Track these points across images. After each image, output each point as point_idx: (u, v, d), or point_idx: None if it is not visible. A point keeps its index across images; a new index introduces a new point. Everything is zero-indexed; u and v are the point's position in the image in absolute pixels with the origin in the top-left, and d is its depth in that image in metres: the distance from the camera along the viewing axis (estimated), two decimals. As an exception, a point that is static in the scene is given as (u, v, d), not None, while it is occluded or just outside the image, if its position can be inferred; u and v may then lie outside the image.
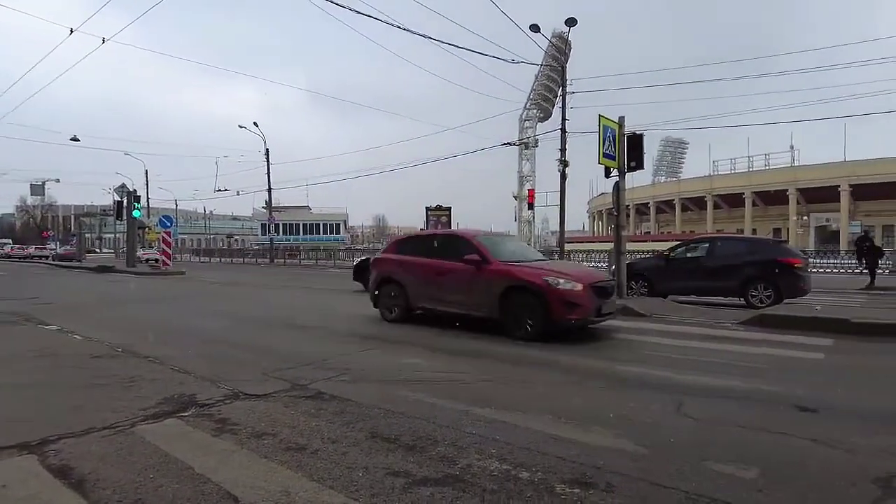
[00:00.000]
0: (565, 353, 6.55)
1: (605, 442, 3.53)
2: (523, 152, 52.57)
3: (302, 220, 71.94)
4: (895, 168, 42.74)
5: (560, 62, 30.15)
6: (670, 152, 79.26)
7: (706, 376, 5.37)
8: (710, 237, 16.20)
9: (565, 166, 24.79)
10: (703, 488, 2.82)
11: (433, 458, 3.23)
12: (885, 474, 3.00)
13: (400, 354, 6.43)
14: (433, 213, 37.15)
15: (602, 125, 10.87)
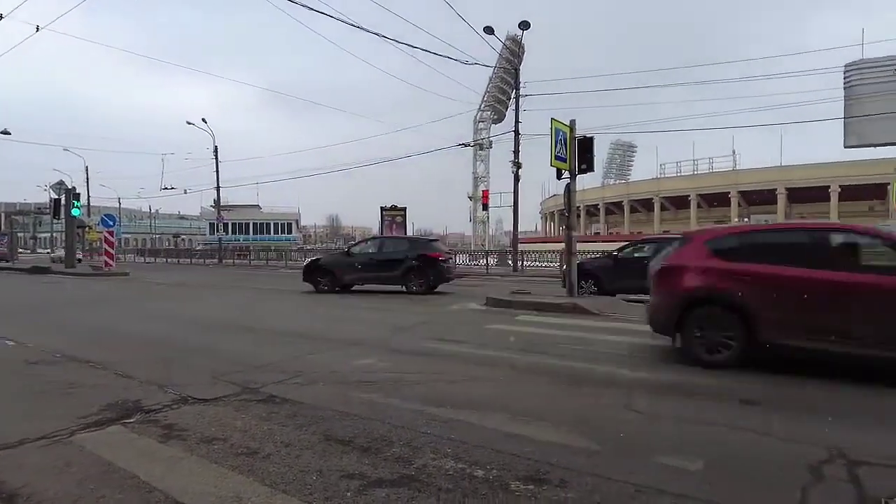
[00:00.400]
0: (519, 353, 6.65)
1: (559, 438, 3.60)
2: (478, 153, 52.89)
3: (252, 219, 70.19)
4: (825, 173, 45.32)
5: (513, 65, 30.55)
6: (619, 155, 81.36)
7: (654, 372, 5.57)
8: (656, 237, 16.73)
9: (518, 168, 25.14)
10: (651, 481, 2.93)
11: (388, 459, 3.23)
12: (815, 462, 3.19)
13: (353, 355, 6.37)
14: (388, 213, 36.99)
15: (554, 128, 11.08)
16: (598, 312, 9.84)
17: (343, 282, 15.07)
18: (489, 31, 22.97)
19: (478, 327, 8.72)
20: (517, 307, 10.91)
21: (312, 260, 16.64)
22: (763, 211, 49.63)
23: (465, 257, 32.74)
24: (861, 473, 3.03)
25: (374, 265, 14.90)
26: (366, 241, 18.32)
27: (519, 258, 26.33)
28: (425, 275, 14.50)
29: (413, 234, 45.20)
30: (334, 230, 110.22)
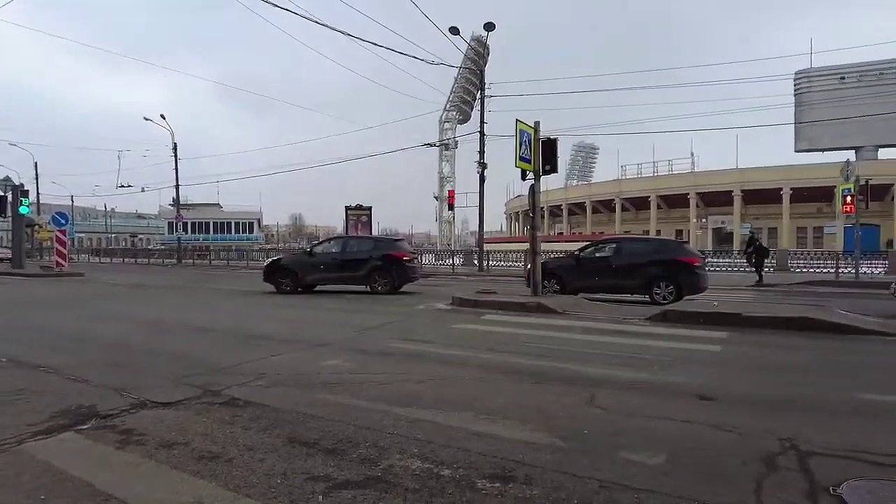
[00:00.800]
0: (486, 352, 6.69)
1: (524, 436, 3.64)
2: (443, 153, 52.99)
3: (213, 218, 68.66)
4: (778, 176, 47.05)
5: (478, 66, 30.72)
6: (582, 157, 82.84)
7: (616, 369, 5.68)
8: (617, 238, 17.12)
9: (484, 168, 25.29)
10: (615, 476, 2.99)
11: (354, 461, 3.21)
12: (769, 453, 3.31)
13: (318, 356, 6.30)
14: (353, 212, 36.64)
15: (518, 129, 11.19)
16: (562, 311, 9.98)
17: (305, 282, 14.87)
18: (454, 31, 23.04)
19: (444, 327, 8.74)
20: (483, 307, 10.98)
21: (274, 260, 16.37)
22: (720, 212, 51.27)
23: (430, 257, 32.84)
24: (811, 463, 3.16)
25: (337, 265, 14.76)
26: (329, 240, 18.14)
27: (485, 258, 26.49)
28: (390, 275, 14.45)
29: (378, 234, 44.99)
30: (297, 229, 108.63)
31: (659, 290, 12.29)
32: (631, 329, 8.42)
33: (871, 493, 2.79)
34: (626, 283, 12.71)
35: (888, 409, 4.39)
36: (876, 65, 46.14)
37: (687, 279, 12.30)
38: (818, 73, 48.66)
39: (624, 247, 13.73)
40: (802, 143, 49.65)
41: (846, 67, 47.62)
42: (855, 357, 6.53)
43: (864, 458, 3.24)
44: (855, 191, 19.01)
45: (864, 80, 46.46)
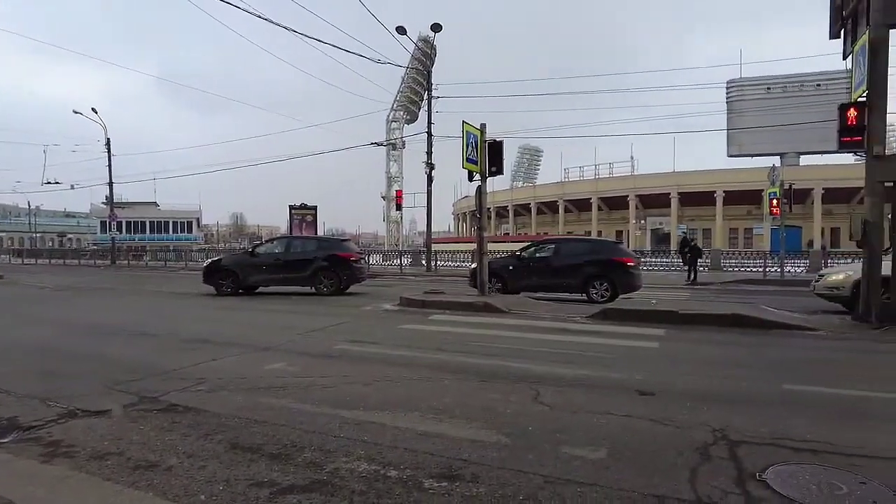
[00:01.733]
0: (433, 352, 6.71)
1: (471, 434, 3.68)
2: (391, 153, 52.78)
3: (149, 217, 65.76)
4: (711, 179, 49.31)
5: (426, 66, 30.76)
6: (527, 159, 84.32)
7: (560, 367, 5.82)
8: (556, 238, 17.52)
9: (431, 169, 25.34)
10: (559, 471, 3.06)
11: (299, 465, 3.15)
12: (703, 444, 3.48)
13: (261, 360, 6.15)
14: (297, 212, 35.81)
15: (465, 131, 11.28)
16: (507, 310, 10.13)
17: (247, 283, 14.47)
18: (401, 31, 22.98)
19: (391, 328, 8.70)
20: (431, 307, 11.00)
21: (214, 260, 15.84)
22: (658, 214, 53.27)
23: (378, 257, 32.60)
24: (740, 452, 3.34)
25: (280, 266, 14.43)
26: (272, 240, 17.74)
27: (432, 258, 26.54)
28: (336, 276, 14.26)
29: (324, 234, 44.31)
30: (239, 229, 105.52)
31: (595, 289, 12.66)
32: (574, 327, 8.64)
33: (793, 476, 2.98)
34: (565, 283, 13.03)
35: (809, 398, 4.69)
36: (798, 77, 49.10)
37: (622, 278, 12.73)
38: (748, 83, 51.32)
39: (563, 247, 14.06)
40: (734, 148, 52.22)
41: (772, 79, 50.44)
42: (781, 351, 6.94)
43: (788, 445, 3.46)
44: (780, 195, 20.17)
45: (788, 91, 49.37)
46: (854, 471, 3.07)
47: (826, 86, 45.46)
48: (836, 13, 9.63)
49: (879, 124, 8.40)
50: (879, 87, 8.28)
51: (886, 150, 8.47)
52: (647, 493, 2.78)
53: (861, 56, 8.49)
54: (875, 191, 8.46)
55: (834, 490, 2.83)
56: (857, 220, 8.61)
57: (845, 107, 8.60)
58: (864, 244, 8.50)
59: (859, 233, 8.53)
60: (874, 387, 5.07)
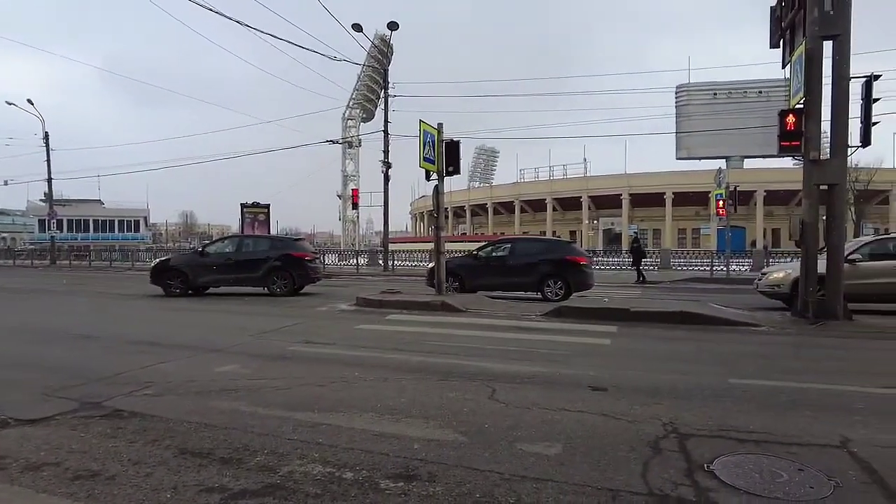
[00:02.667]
0: (390, 352, 6.66)
1: (427, 434, 3.67)
2: (347, 151, 52.12)
3: (93, 215, 63.04)
4: (661, 181, 50.89)
5: (382, 65, 30.55)
6: (484, 160, 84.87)
7: (516, 364, 5.88)
8: (512, 238, 17.73)
9: (388, 168, 25.21)
10: (515, 468, 3.08)
11: (252, 469, 3.07)
12: (654, 437, 3.57)
13: (212, 362, 5.96)
14: (249, 210, 34.89)
15: (422, 130, 11.26)
16: (465, 309, 10.17)
17: (197, 284, 14.04)
18: (357, 28, 22.74)
19: (347, 328, 8.60)
20: (388, 306, 10.93)
21: (162, 260, 15.31)
22: (610, 214, 54.59)
23: (334, 257, 32.22)
24: (689, 444, 3.45)
25: (232, 266, 14.05)
26: (223, 239, 17.28)
27: (390, 258, 26.40)
28: (290, 276, 13.99)
29: (278, 233, 43.45)
30: (189, 228, 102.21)
31: (550, 288, 12.87)
32: (529, 325, 8.75)
33: (738, 466, 3.10)
34: (521, 281, 13.20)
35: (753, 391, 4.88)
36: (742, 84, 51.16)
37: (575, 277, 12.99)
38: (696, 89, 53.16)
39: (518, 246, 14.23)
40: (682, 151, 53.98)
41: (718, 85, 52.40)
42: (727, 346, 7.21)
43: (733, 436, 3.59)
44: (726, 196, 21.00)
45: (733, 96, 51.40)
46: (793, 458, 3.21)
47: (767, 93, 47.52)
48: (776, 24, 10.09)
49: (815, 130, 8.84)
50: (815, 95, 8.71)
51: (821, 155, 8.92)
52: (602, 487, 2.84)
53: (798, 65, 8.91)
54: (811, 193, 8.89)
55: (775, 478, 2.95)
56: (796, 221, 9.04)
57: (785, 113, 9.01)
58: (801, 244, 8.93)
59: (798, 233, 8.96)
60: (811, 379, 5.33)
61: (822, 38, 8.61)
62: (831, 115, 8.71)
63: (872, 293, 10.15)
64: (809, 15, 8.60)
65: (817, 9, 8.50)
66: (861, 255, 10.53)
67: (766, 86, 47.50)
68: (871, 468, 3.09)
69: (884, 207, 46.52)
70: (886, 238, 11.96)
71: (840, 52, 8.57)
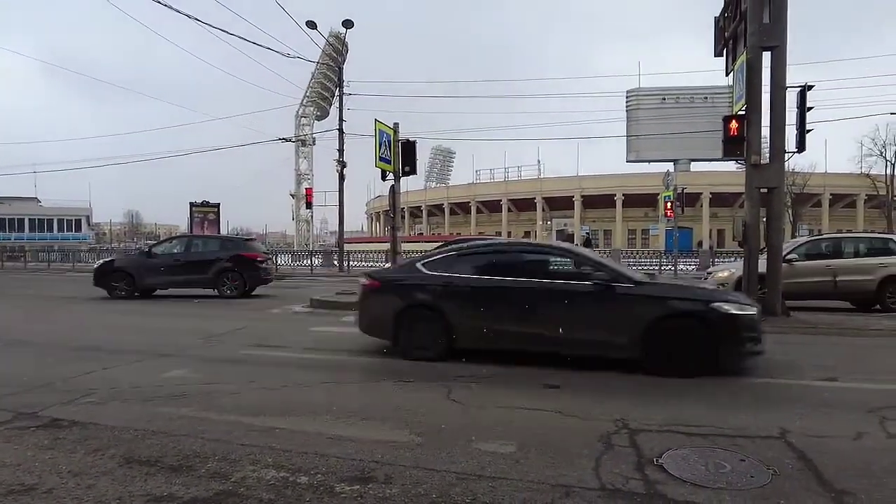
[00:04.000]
0: (345, 354, 6.60)
1: (383, 435, 3.65)
2: (300, 150, 51.24)
3: (29, 214, 59.82)
4: (612, 183, 52.28)
5: (337, 63, 30.22)
6: (440, 160, 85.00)
7: (476, 364, 5.89)
8: (467, 239, 17.80)
9: (343, 167, 24.94)
10: (470, 468, 3.11)
11: (203, 476, 2.98)
12: (606, 433, 3.67)
13: (160, 367, 5.76)
14: (199, 209, 33.91)
15: (378, 130, 11.21)
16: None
17: (144, 286, 13.52)
18: (312, 25, 22.42)
19: (301, 330, 8.47)
20: (343, 308, 10.78)
21: (106, 261, 14.66)
22: (563, 216, 55.63)
23: (287, 258, 31.56)
24: (639, 440, 3.56)
25: (180, 267, 13.59)
26: (171, 240, 16.72)
27: (345, 258, 26.10)
28: (241, 277, 13.63)
29: (228, 233, 42.36)
30: (135, 228, 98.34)
31: None
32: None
33: (685, 459, 3.22)
34: None
35: (699, 387, 5.07)
36: (689, 90, 53.01)
37: None
38: (645, 93, 54.74)
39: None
40: (632, 154, 55.47)
41: (667, 90, 54.13)
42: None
43: (681, 431, 3.72)
44: (673, 198, 21.75)
45: (681, 102, 53.16)
46: (736, 450, 3.36)
47: (713, 99, 49.38)
48: (720, 34, 10.52)
49: (756, 136, 9.26)
50: (755, 102, 9.13)
51: (762, 159, 9.35)
52: (556, 484, 2.89)
53: (740, 74, 9.32)
54: (753, 196, 9.31)
55: (720, 469, 3.09)
56: (739, 223, 9.45)
57: (728, 119, 9.40)
58: (744, 244, 9.34)
59: (740, 234, 9.36)
60: (753, 374, 5.58)
61: (762, 48, 9.03)
62: (770, 121, 9.14)
63: (807, 291, 10.70)
64: (750, 26, 9.00)
65: (757, 21, 8.91)
66: (797, 254, 11.08)
67: (712, 92, 49.34)
68: (806, 457, 3.26)
69: (817, 210, 49.11)
70: (819, 239, 12.68)
71: (777, 63, 9.01)
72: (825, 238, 12.61)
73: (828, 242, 11.86)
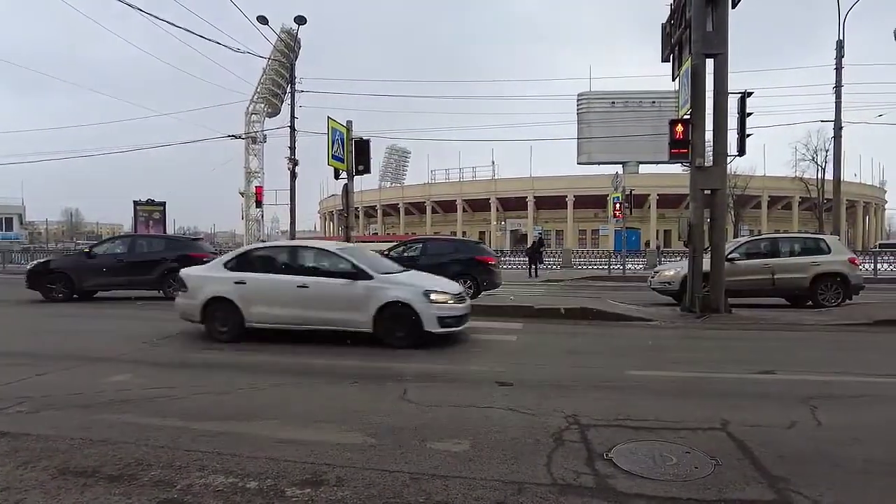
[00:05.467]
0: (291, 355, 6.47)
1: (336, 437, 3.60)
2: (250, 147, 50.01)
3: (-49, 213, 56.09)
4: (563, 184, 53.33)
5: (289, 59, 29.65)
6: (395, 160, 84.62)
7: (425, 363, 5.91)
8: (423, 238, 17.78)
9: (295, 165, 24.42)
10: (424, 467, 3.10)
11: (145, 486, 2.86)
12: (557, 429, 3.73)
13: (102, 373, 5.50)
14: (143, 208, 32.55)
15: (330, 127, 11.06)
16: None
17: (83, 288, 12.86)
18: (263, 20, 21.81)
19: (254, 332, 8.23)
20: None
21: (41, 262, 13.87)
22: (517, 216, 56.37)
23: (237, 258, 30.67)
24: (590, 434, 3.63)
25: (123, 268, 12.99)
26: (112, 240, 16.01)
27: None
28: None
29: (175, 233, 40.93)
30: (74, 228, 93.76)
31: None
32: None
33: (634, 453, 3.31)
34: None
35: (647, 381, 5.23)
36: (638, 94, 54.67)
37: (484, 276, 13.22)
38: (595, 97, 56.13)
39: (430, 247, 14.27)
40: (583, 156, 56.77)
41: (616, 94, 55.65)
42: (624, 340, 7.67)
43: (630, 425, 3.82)
44: (622, 199, 22.35)
45: (629, 105, 54.81)
46: (681, 442, 3.48)
47: (660, 103, 50.99)
48: (666, 40, 10.89)
49: (700, 139, 9.62)
50: (700, 107, 9.49)
51: (705, 162, 9.72)
52: (508, 481, 2.92)
53: (685, 79, 9.66)
54: (697, 197, 9.67)
55: (666, 461, 3.18)
56: (684, 223, 9.79)
57: (674, 123, 9.73)
58: (689, 244, 9.69)
59: (685, 234, 9.70)
60: (697, 368, 5.80)
61: (706, 55, 9.39)
62: (713, 126, 9.52)
63: (748, 288, 11.20)
64: (694, 34, 9.34)
65: (701, 29, 9.26)
66: (739, 254, 11.59)
67: (660, 97, 50.95)
68: (746, 446, 3.41)
69: (757, 211, 51.49)
70: (759, 239, 13.30)
71: (720, 70, 9.39)
72: (764, 238, 13.23)
73: (766, 242, 12.45)
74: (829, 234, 14.84)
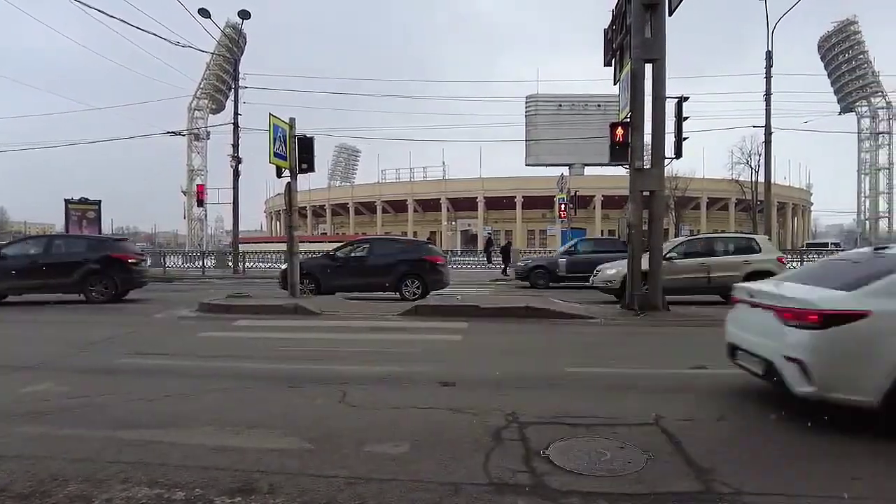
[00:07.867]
0: (235, 360, 6.28)
1: (271, 444, 3.50)
2: (193, 144, 48.42)
3: None
4: (512, 185, 54.10)
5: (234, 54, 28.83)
6: (345, 159, 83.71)
7: (368, 365, 5.85)
8: (370, 238, 17.59)
9: (238, 163, 23.83)
10: (361, 471, 3.05)
11: (59, 503, 2.69)
12: (497, 428, 3.75)
13: (19, 382, 5.14)
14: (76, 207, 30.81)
15: (272, 124, 10.79)
16: (320, 312, 9.90)
17: None
18: (205, 13, 21.13)
19: (188, 336, 7.97)
20: (236, 311, 10.27)
21: None
22: (467, 216, 56.74)
23: (177, 259, 29.62)
24: (528, 432, 3.66)
25: (38, 270, 12.16)
26: (25, 240, 15.08)
27: (241, 259, 24.92)
28: (111, 280, 12.52)
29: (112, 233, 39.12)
30: None
31: (408, 287, 13.00)
32: (385, 325, 8.76)
33: (570, 449, 3.36)
34: (380, 282, 13.12)
35: (586, 378, 5.35)
36: (584, 97, 56.11)
37: (432, 276, 13.25)
38: (543, 100, 57.21)
39: (376, 246, 14.14)
40: (531, 157, 57.76)
41: (563, 97, 56.91)
42: (566, 338, 7.82)
43: (567, 422, 3.88)
44: (568, 200, 22.85)
45: (576, 108, 56.18)
46: (616, 438, 3.56)
47: (605, 106, 52.44)
48: (608, 45, 11.17)
49: (639, 142, 9.92)
50: (639, 111, 9.78)
51: (644, 164, 10.03)
52: (445, 482, 2.90)
53: (625, 83, 9.94)
54: (636, 198, 9.97)
55: (601, 457, 3.25)
56: (624, 223, 10.07)
57: (615, 126, 9.99)
58: (628, 244, 9.98)
59: (625, 234, 9.99)
60: (635, 364, 5.96)
61: (644, 60, 9.69)
62: (651, 129, 9.83)
63: (686, 286, 11.63)
64: (634, 39, 9.62)
65: (640, 35, 9.54)
66: (677, 253, 12.03)
67: (605, 100, 52.40)
68: (677, 440, 3.52)
69: (697, 212, 53.70)
70: (695, 238, 13.86)
71: (658, 75, 9.71)
72: (700, 238, 13.80)
73: (702, 242, 12.99)
74: (760, 235, 15.60)
